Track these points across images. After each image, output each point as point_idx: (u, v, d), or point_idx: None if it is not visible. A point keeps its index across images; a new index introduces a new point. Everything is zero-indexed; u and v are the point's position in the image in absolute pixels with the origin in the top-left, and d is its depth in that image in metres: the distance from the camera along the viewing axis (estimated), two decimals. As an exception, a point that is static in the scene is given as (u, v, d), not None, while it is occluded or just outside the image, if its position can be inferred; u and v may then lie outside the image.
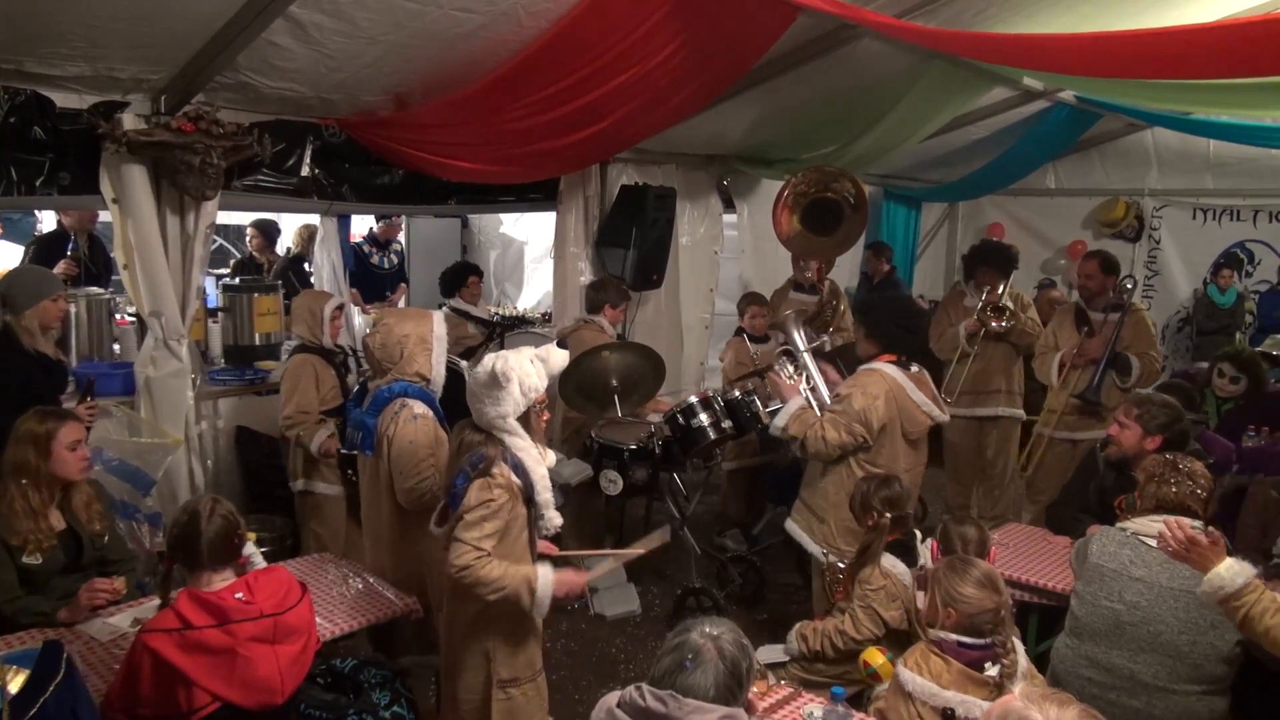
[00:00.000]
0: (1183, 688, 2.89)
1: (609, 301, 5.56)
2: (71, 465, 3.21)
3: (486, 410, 2.88)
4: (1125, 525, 3.10)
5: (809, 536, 4.06)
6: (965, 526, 3.29)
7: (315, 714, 2.91)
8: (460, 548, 2.81)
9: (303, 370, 4.48)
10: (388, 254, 7.75)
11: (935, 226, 10.13)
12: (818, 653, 3.40)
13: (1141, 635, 2.93)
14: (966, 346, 5.68)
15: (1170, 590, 2.92)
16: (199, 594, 2.50)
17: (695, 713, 1.96)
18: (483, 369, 2.89)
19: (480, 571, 2.79)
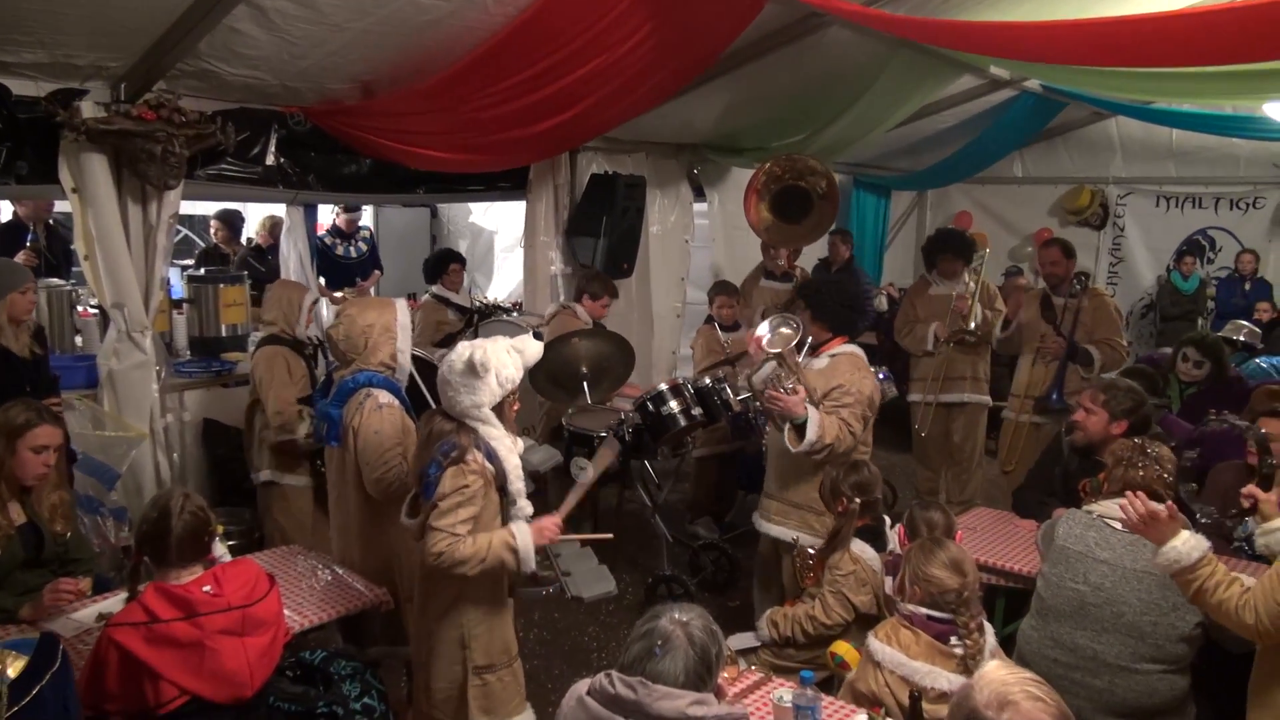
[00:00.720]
0: (1144, 667, 2.95)
1: (590, 292, 5.58)
2: (28, 468, 3.13)
3: (461, 399, 2.87)
4: (1092, 508, 3.15)
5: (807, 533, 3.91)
6: (931, 512, 3.33)
7: (285, 707, 2.89)
8: (435, 535, 2.80)
9: (275, 362, 4.43)
10: (354, 243, 7.67)
11: (904, 215, 10.20)
12: (788, 638, 3.42)
13: (1105, 616, 2.98)
14: (932, 349, 5.75)
15: (1134, 572, 2.97)
16: (166, 587, 2.48)
17: (665, 699, 1.97)
18: (459, 358, 2.87)
19: (457, 553, 2.80)
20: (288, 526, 4.53)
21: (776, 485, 4.06)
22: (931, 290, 5.92)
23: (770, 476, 4.12)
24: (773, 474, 4.10)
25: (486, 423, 2.92)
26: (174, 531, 2.52)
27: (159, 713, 2.42)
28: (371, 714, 3.04)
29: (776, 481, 4.06)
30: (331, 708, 2.95)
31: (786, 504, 4.03)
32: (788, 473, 4.00)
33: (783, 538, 3.99)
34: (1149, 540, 2.73)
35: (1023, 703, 1.68)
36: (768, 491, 4.13)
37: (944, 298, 5.82)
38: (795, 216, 6.40)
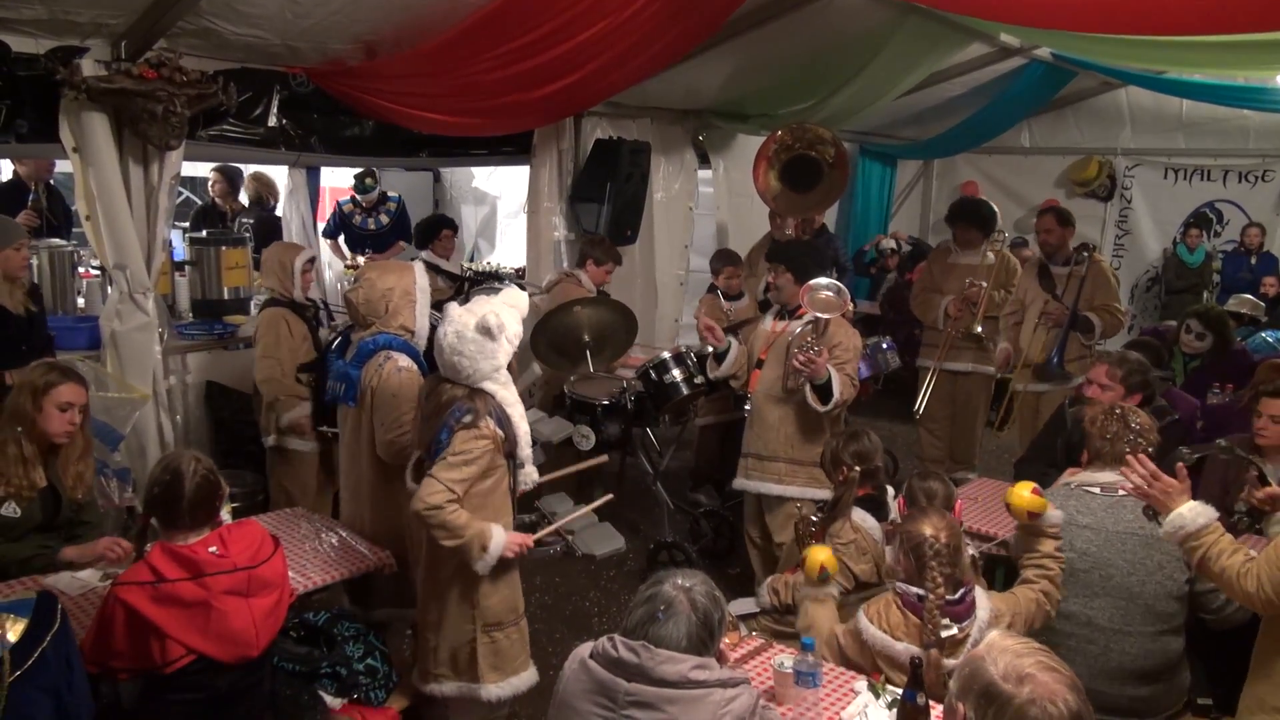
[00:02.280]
0: (1137, 629, 2.99)
1: (594, 257, 5.56)
2: (55, 423, 3.19)
3: (480, 365, 2.86)
4: (1069, 480, 3.21)
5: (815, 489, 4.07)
6: (930, 481, 3.31)
7: (289, 667, 2.94)
8: (433, 485, 2.82)
9: (275, 324, 4.43)
10: (374, 215, 7.65)
11: (910, 184, 10.16)
12: (788, 605, 3.43)
13: (1094, 580, 3.02)
14: (941, 327, 5.75)
15: (1116, 534, 3.02)
16: (172, 547, 2.50)
17: (667, 663, 1.99)
18: (465, 324, 2.84)
19: (447, 515, 2.82)
20: (293, 490, 4.56)
21: (784, 446, 4.19)
22: (951, 259, 5.89)
23: (773, 439, 4.20)
24: (777, 436, 4.19)
25: (505, 386, 2.93)
26: (186, 495, 2.53)
27: (165, 671, 2.45)
28: (375, 675, 3.09)
29: (784, 443, 4.19)
30: (335, 668, 3.00)
31: (795, 463, 4.17)
32: (798, 433, 4.17)
33: (792, 495, 4.12)
34: (1155, 506, 2.74)
35: (1039, 674, 1.68)
36: (767, 453, 4.22)
37: (961, 269, 5.78)
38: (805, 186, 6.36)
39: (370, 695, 3.06)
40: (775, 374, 4.18)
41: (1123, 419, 3.15)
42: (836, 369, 4.01)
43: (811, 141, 6.25)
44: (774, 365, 4.19)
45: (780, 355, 4.16)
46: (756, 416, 4.25)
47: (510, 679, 3.12)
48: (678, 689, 1.99)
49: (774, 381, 4.18)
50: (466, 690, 3.09)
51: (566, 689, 2.11)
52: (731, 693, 2.03)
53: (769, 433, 4.21)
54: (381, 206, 7.63)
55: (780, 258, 4.29)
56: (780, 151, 6.27)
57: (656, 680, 1.99)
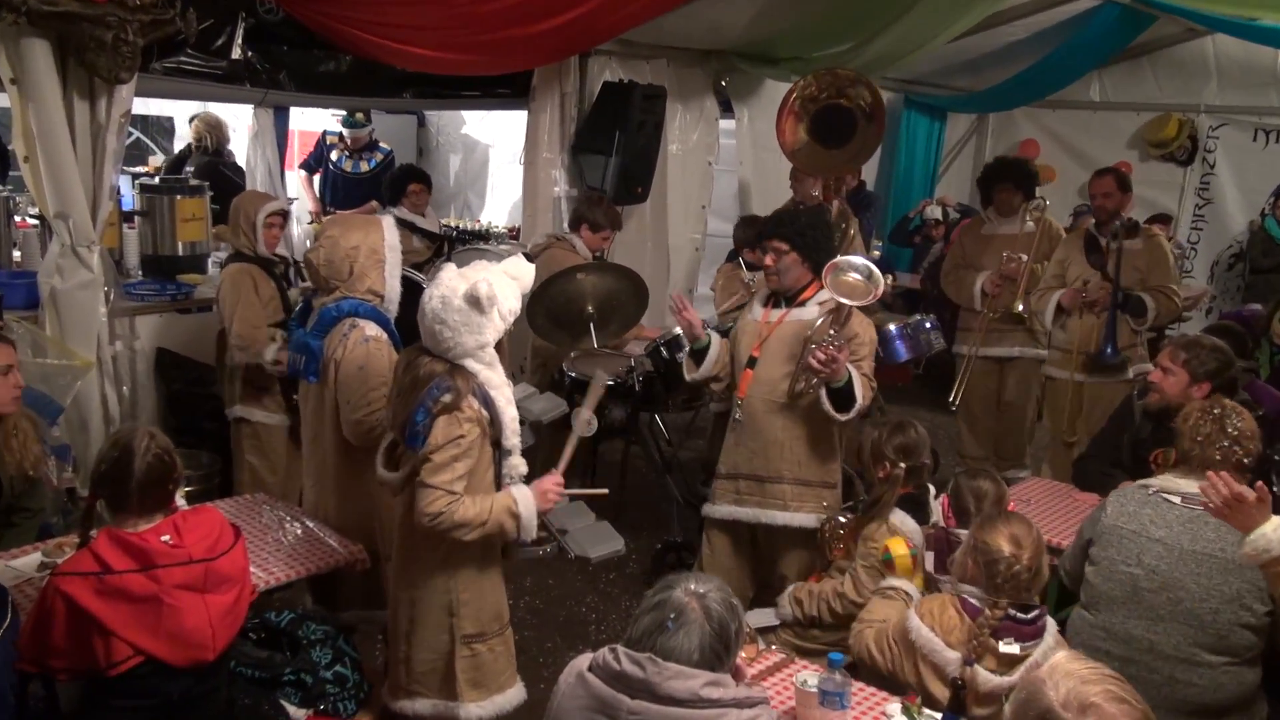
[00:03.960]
0: (1206, 658, 2.97)
1: (591, 221, 5.53)
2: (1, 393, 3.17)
3: (464, 340, 2.85)
4: (1149, 482, 3.15)
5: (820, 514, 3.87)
6: (979, 480, 3.33)
7: (248, 673, 2.95)
8: (430, 494, 2.81)
9: (241, 281, 4.44)
10: (357, 160, 7.65)
11: (961, 141, 10.09)
12: (813, 618, 3.47)
13: (1160, 602, 3.00)
14: (979, 305, 5.70)
15: (1192, 554, 2.98)
16: (121, 535, 2.50)
17: (676, 678, 2.00)
18: (454, 292, 2.84)
19: (456, 514, 2.82)
20: (260, 467, 4.59)
21: (790, 464, 3.90)
22: (985, 230, 5.84)
23: (775, 456, 3.90)
24: (781, 453, 3.90)
25: (490, 366, 2.92)
26: (135, 475, 2.54)
27: (109, 674, 2.45)
28: (344, 684, 3.10)
29: (789, 460, 3.90)
30: (299, 675, 3.01)
31: (803, 485, 3.90)
32: (805, 448, 3.90)
33: (805, 525, 3.87)
34: (1234, 526, 2.73)
35: (1105, 705, 1.67)
36: (768, 474, 3.92)
37: (999, 240, 5.76)
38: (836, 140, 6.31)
39: (339, 706, 3.07)
40: (776, 375, 3.88)
41: (1219, 420, 3.05)
42: (854, 367, 3.72)
43: (842, 88, 6.18)
44: (772, 364, 3.89)
45: (780, 352, 3.88)
46: (750, 428, 3.92)
47: (494, 697, 3.12)
48: (688, 708, 1.99)
49: (774, 385, 3.88)
50: (443, 709, 3.09)
51: (561, 706, 2.11)
52: (748, 714, 2.03)
53: (770, 448, 3.90)
54: (368, 153, 7.61)
55: (783, 232, 3.87)
56: (806, 104, 6.22)
57: (664, 697, 1.99)
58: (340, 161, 7.67)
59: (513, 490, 2.96)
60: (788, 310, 3.93)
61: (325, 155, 7.69)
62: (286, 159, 7.62)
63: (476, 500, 2.87)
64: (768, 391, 3.90)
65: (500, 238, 7.08)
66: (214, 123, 7.08)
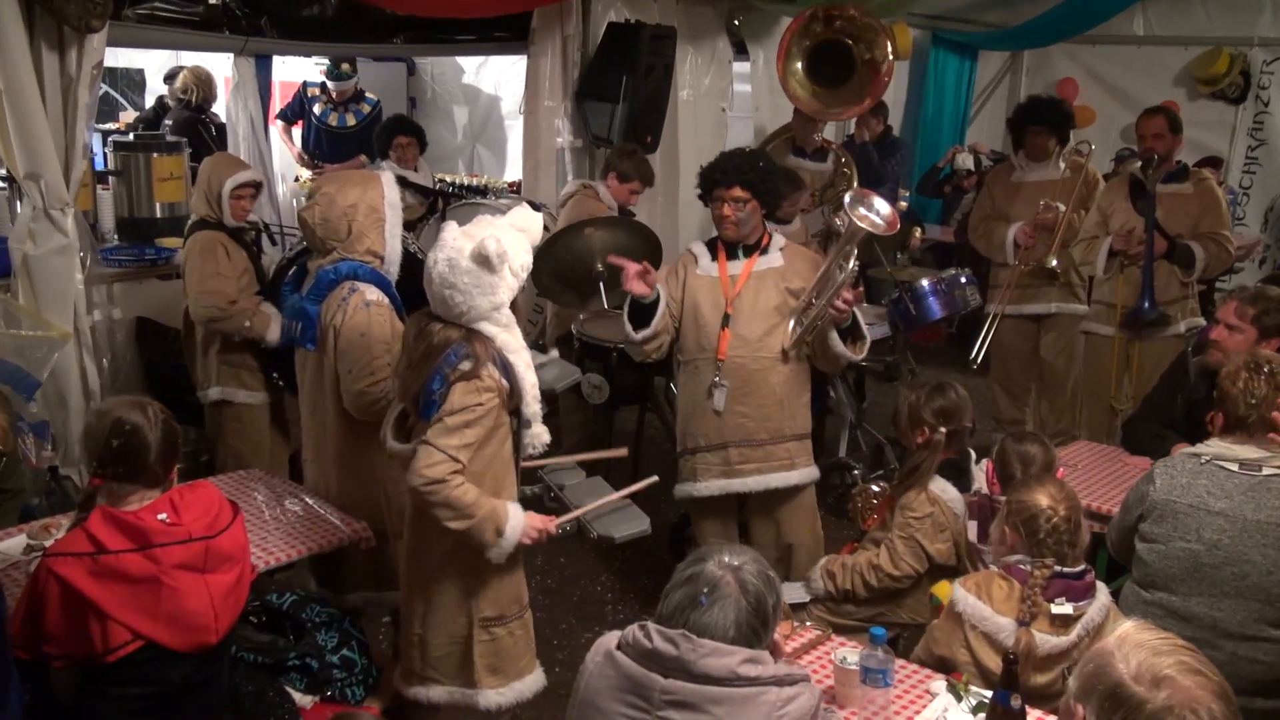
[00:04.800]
0: (1273, 634, 2.98)
1: (620, 171, 5.52)
2: None
3: (477, 302, 2.83)
4: (1199, 451, 3.13)
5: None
6: (1027, 444, 3.34)
7: (250, 658, 2.97)
8: (432, 454, 2.79)
9: (210, 250, 4.42)
10: (341, 112, 7.61)
11: (994, 81, 10.05)
12: (847, 592, 3.48)
13: (1224, 578, 2.99)
14: (1011, 258, 5.67)
15: (1256, 524, 2.97)
16: (115, 513, 2.51)
17: (712, 655, 2.01)
18: (458, 253, 2.82)
19: (453, 490, 2.81)
20: (244, 451, 4.59)
21: (787, 420, 3.94)
22: (1015, 176, 5.79)
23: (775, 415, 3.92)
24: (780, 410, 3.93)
25: (507, 329, 2.91)
26: (154, 447, 2.54)
27: (107, 660, 2.47)
28: (352, 668, 3.13)
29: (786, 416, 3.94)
30: (304, 660, 3.03)
31: (800, 439, 3.98)
32: (796, 400, 3.97)
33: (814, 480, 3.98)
34: None
35: (1180, 678, 1.65)
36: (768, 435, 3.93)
37: (1030, 188, 5.71)
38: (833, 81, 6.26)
39: (346, 692, 3.09)
40: (759, 330, 3.89)
41: (1272, 377, 3.03)
42: None
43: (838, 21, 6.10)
44: (752, 320, 3.88)
45: (759, 305, 3.88)
46: (741, 391, 3.90)
47: (513, 683, 3.13)
48: (725, 686, 2.00)
49: (761, 341, 3.88)
50: (460, 696, 3.11)
51: (589, 686, 2.13)
52: (789, 692, 2.04)
53: (769, 408, 3.91)
54: (354, 105, 7.57)
55: (746, 179, 3.84)
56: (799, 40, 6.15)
57: (699, 676, 2.00)
58: (324, 115, 7.62)
59: (510, 509, 2.96)
60: (752, 259, 3.93)
61: (307, 108, 7.64)
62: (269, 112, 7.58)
63: (478, 494, 2.86)
64: (756, 349, 3.90)
65: (500, 192, 7.05)
66: (205, 77, 7.05)
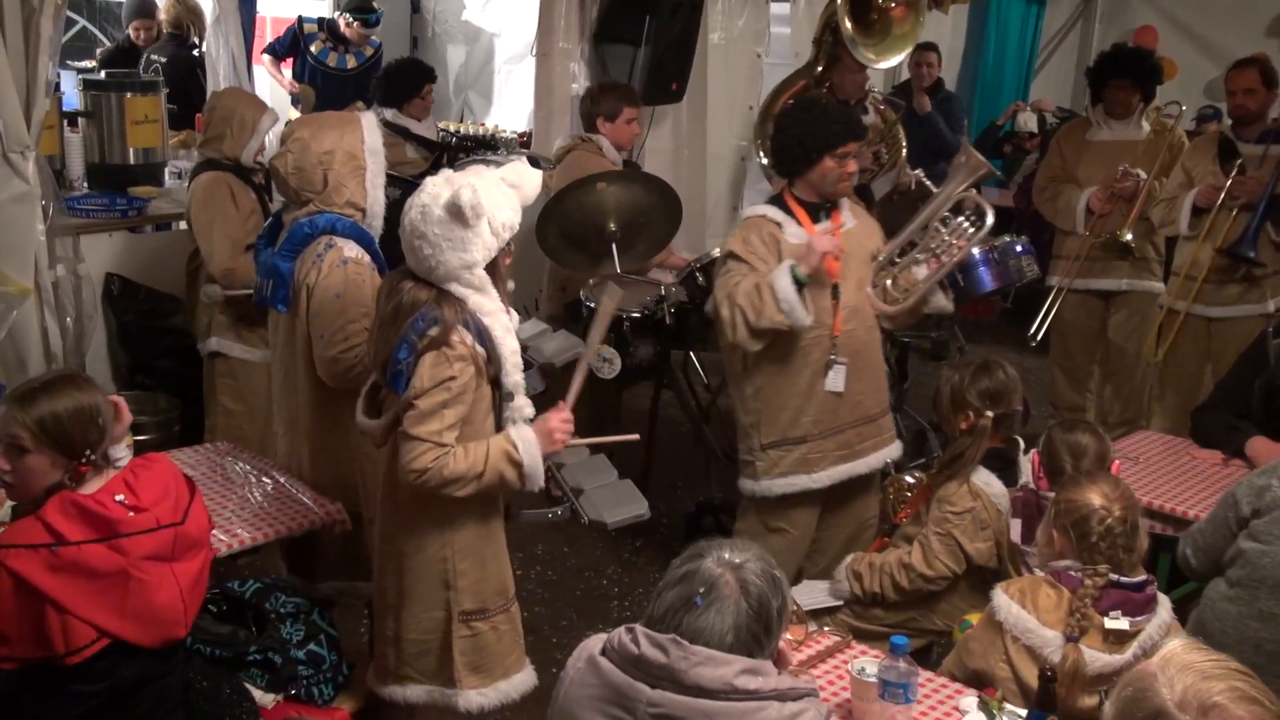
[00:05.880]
0: None
1: (602, 112, 5.49)
2: None
3: (446, 258, 2.83)
4: None
5: None
6: (1078, 434, 3.29)
7: (206, 651, 2.97)
8: (415, 446, 2.80)
9: (216, 193, 4.46)
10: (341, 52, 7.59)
11: (1063, 29, 10.00)
12: (875, 594, 3.45)
13: None
14: (1083, 229, 5.60)
15: None
16: (75, 499, 2.49)
17: (705, 664, 1.97)
18: (433, 200, 2.81)
19: (446, 469, 2.81)
20: (237, 411, 4.64)
21: (887, 389, 4.11)
22: (1090, 134, 5.71)
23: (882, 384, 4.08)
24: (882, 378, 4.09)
25: (480, 290, 2.89)
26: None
27: (68, 661, 2.46)
28: (319, 665, 3.12)
29: (886, 385, 4.11)
30: (266, 654, 3.02)
31: (888, 411, 4.08)
32: (881, 365, 4.09)
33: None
34: None
35: (1232, 707, 1.63)
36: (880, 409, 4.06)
37: (1107, 149, 5.63)
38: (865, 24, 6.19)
39: (313, 691, 3.07)
40: (861, 296, 3.97)
41: None
42: None
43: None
44: (853, 286, 3.94)
45: (857, 271, 3.95)
46: (858, 366, 3.95)
47: (498, 683, 3.12)
48: (719, 699, 1.97)
49: (862, 308, 3.97)
50: (439, 696, 3.11)
51: (569, 695, 2.10)
52: (792, 708, 2.00)
53: (879, 379, 4.08)
54: (354, 46, 7.56)
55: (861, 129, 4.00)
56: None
57: (690, 687, 1.97)
58: (323, 55, 7.61)
59: (511, 431, 2.93)
60: (835, 220, 3.97)
61: (303, 45, 7.61)
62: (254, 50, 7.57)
63: (469, 449, 2.85)
64: (864, 317, 3.99)
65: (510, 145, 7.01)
66: (194, 8, 7.08)
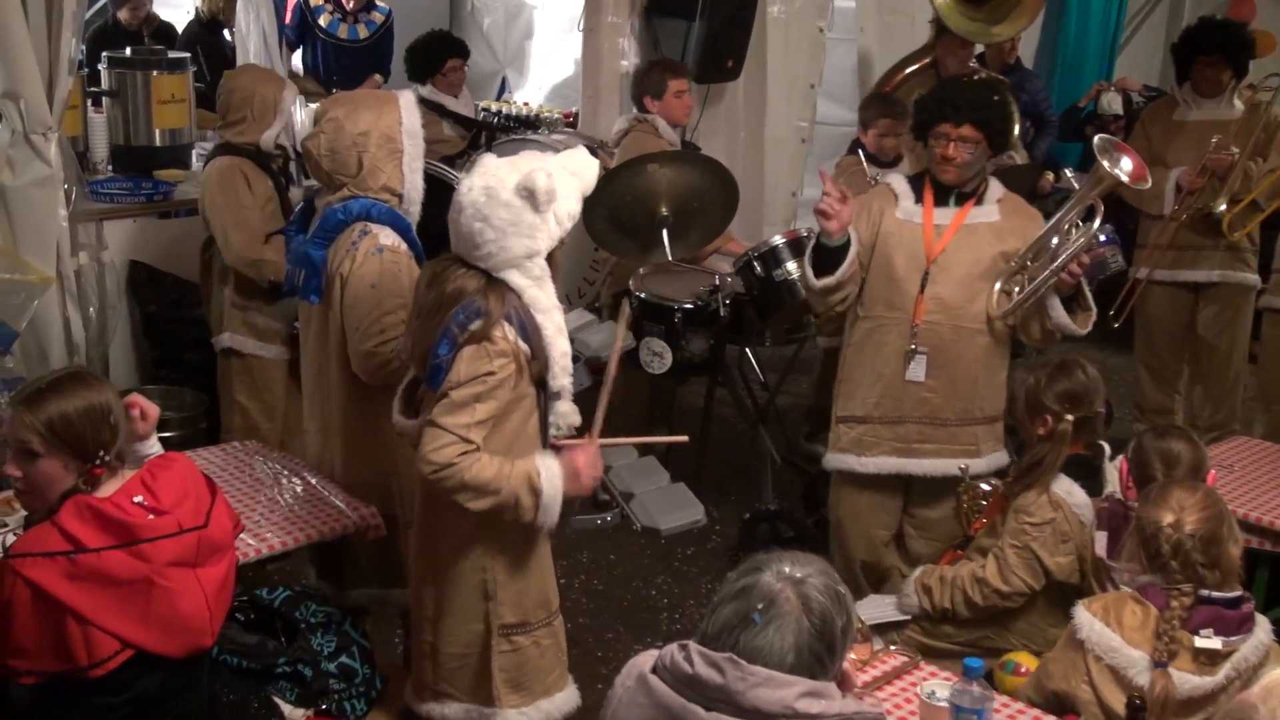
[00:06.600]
0: None
1: (650, 91, 5.49)
2: None
3: (509, 241, 2.82)
4: None
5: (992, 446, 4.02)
6: (1171, 440, 3.26)
7: (233, 662, 2.99)
8: (439, 436, 2.79)
9: (230, 180, 4.49)
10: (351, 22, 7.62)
11: (1151, 1, 9.82)
12: (945, 610, 3.43)
13: None
14: (1173, 208, 5.52)
15: None
16: (93, 503, 2.50)
17: (764, 685, 1.95)
18: (500, 180, 2.80)
19: (467, 472, 2.79)
20: (253, 410, 4.66)
21: (982, 400, 3.99)
22: (1179, 114, 5.65)
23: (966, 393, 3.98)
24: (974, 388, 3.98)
25: (539, 282, 2.89)
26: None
27: (92, 674, 2.47)
28: (351, 678, 3.14)
29: (980, 395, 3.99)
30: (296, 666, 3.04)
31: (992, 422, 4.02)
32: (992, 377, 3.99)
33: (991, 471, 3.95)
34: None
35: None
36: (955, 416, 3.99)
37: (1198, 128, 5.54)
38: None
39: (345, 706, 3.10)
40: (965, 292, 3.92)
41: None
42: None
43: None
44: (955, 279, 3.92)
45: (967, 264, 3.91)
46: (938, 362, 3.94)
47: (539, 701, 3.12)
48: (778, 724, 1.96)
49: (964, 306, 3.92)
50: (477, 716, 3.11)
51: (617, 715, 2.09)
52: (857, 733, 1.99)
53: (963, 385, 3.97)
54: (364, 15, 7.59)
55: (980, 117, 3.86)
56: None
57: (748, 710, 1.96)
58: (332, 27, 7.65)
59: (538, 461, 2.91)
60: (964, 211, 3.95)
61: (311, 22, 7.65)
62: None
63: (495, 462, 2.84)
64: (957, 316, 3.93)
65: (553, 124, 7.02)
66: None
